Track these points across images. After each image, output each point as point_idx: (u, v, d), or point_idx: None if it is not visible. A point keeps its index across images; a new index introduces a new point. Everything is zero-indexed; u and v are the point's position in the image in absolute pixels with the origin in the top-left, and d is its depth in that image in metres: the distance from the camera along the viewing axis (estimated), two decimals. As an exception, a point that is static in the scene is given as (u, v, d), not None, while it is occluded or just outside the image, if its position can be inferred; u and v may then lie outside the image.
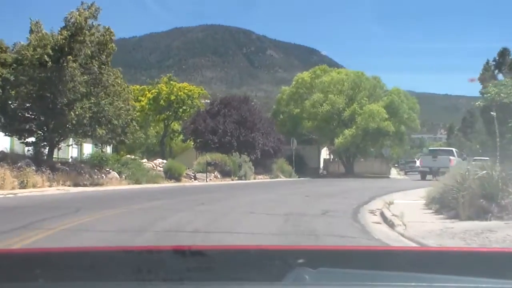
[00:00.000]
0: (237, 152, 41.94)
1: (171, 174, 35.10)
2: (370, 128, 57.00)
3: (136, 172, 32.52)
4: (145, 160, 39.32)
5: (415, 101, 62.69)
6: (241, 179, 40.33)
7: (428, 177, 41.25)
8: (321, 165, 68.07)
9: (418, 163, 42.64)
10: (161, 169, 36.28)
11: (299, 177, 48.42)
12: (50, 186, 24.64)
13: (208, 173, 38.30)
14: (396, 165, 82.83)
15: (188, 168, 40.72)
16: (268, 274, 1.97)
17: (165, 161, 38.67)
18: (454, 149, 41.90)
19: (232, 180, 39.43)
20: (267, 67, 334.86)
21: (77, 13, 26.31)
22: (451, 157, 41.12)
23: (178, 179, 35.30)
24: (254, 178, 42.43)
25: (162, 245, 2.95)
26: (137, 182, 31.49)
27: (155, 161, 38.66)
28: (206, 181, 36.73)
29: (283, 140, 47.72)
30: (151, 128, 61.41)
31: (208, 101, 55.34)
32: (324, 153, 70.08)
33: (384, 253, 2.43)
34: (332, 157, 71.20)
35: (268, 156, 45.38)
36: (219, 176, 39.57)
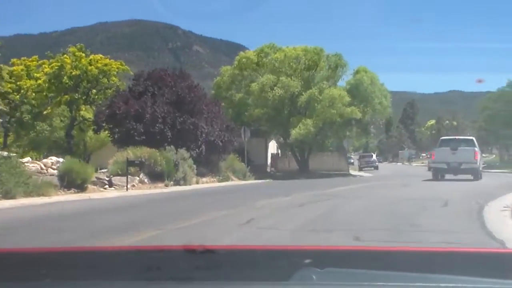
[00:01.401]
0: (172, 146, 28.40)
1: (71, 180, 21.31)
2: (332, 116, 44.91)
3: (9, 178, 18.76)
4: (28, 159, 25.15)
5: (386, 89, 50.82)
6: (179, 184, 26.88)
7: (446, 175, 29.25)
8: (269, 161, 55.43)
9: (434, 157, 30.08)
10: (55, 172, 22.41)
11: (255, 179, 35.34)
12: None
13: (130, 177, 24.75)
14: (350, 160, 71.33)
15: (102, 170, 26.95)
16: (275, 274, 1.95)
17: (61, 159, 24.55)
18: (474, 139, 29.96)
19: (166, 186, 25.90)
20: (194, 63, 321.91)
21: None
22: (476, 149, 29.20)
23: (81, 188, 21.60)
24: (197, 182, 28.99)
25: (171, 245, 2.44)
26: (7, 195, 17.84)
27: (45, 160, 24.54)
28: (127, 189, 23.07)
29: (235, 129, 34.29)
30: (56, 116, 45.91)
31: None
32: (272, 147, 57.36)
33: (391, 253, 2.31)
34: (280, 151, 58.77)
35: (214, 151, 31.94)
36: (146, 180, 26.00)
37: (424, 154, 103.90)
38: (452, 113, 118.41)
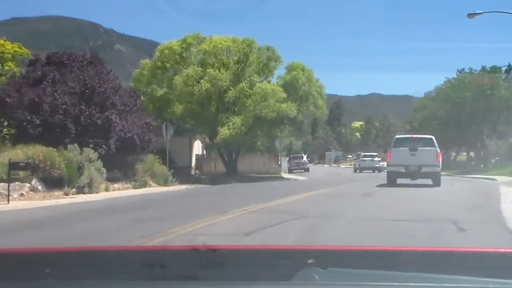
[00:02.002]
0: (75, 144, 22.66)
1: None
2: (264, 112, 40.14)
3: None
4: None
5: (322, 85, 46.49)
6: (83, 192, 21.18)
7: (400, 180, 24.96)
8: (193, 163, 50.07)
9: (389, 158, 25.39)
10: None
11: (179, 183, 29.86)
12: None
13: (19, 183, 19.10)
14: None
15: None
16: (277, 273, 1.94)
17: None
18: (434, 138, 25.71)
19: (66, 194, 20.22)
20: (116, 62, 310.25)
21: None
22: (438, 150, 25.02)
23: None
24: (107, 189, 23.30)
25: (174, 245, 2.87)
26: None
27: None
28: (8, 201, 17.25)
29: (154, 125, 28.68)
30: None
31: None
32: (197, 148, 52.03)
33: (393, 253, 2.30)
34: (206, 152, 53.57)
35: (130, 150, 26.23)
36: (40, 187, 20.21)
37: (351, 156, 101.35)
38: (371, 115, 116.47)
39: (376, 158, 60.10)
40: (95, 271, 2.07)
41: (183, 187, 28.09)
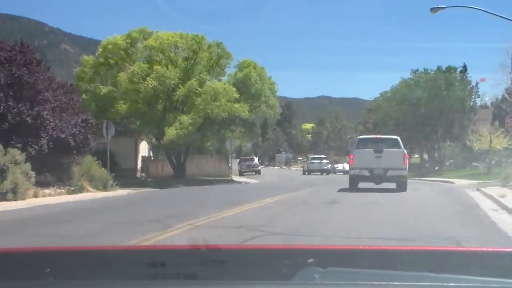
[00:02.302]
0: None
1: None
2: (215, 111, 37.74)
3: None
4: None
5: (274, 83, 44.27)
6: (6, 199, 18.21)
7: (364, 184, 22.88)
8: (139, 165, 47.14)
9: (352, 161, 23.06)
10: None
11: (121, 187, 26.97)
12: None
13: None
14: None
15: None
16: (278, 273, 1.93)
17: None
18: (399, 138, 23.65)
19: (-16, 203, 17.20)
20: (62, 62, 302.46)
21: None
22: (405, 151, 23.00)
23: None
24: (36, 195, 20.32)
25: (175, 244, 2.93)
26: None
27: None
28: None
29: (93, 124, 25.69)
30: None
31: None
32: (143, 149, 49.06)
33: (393, 252, 2.31)
34: (153, 154, 50.65)
35: (64, 151, 23.22)
36: (-47, 194, 17.14)
37: (301, 158, 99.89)
38: (322, 116, 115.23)
39: (325, 161, 60.79)
40: (95, 270, 2.04)
41: (124, 191, 25.28)
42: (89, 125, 24.68)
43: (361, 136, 26.34)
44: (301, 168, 74.25)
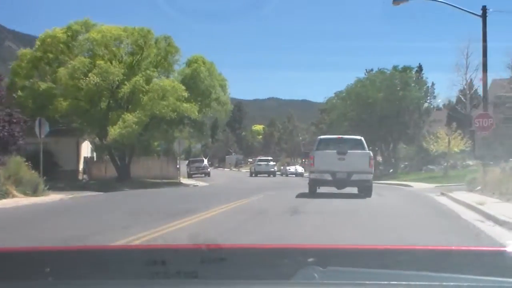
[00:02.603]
0: None
1: None
2: (163, 111, 35.20)
3: None
4: None
5: (224, 79, 41.84)
6: None
7: (323, 188, 20.82)
8: (81, 167, 44.09)
9: (313, 164, 20.75)
10: None
11: (57, 191, 23.95)
12: None
13: None
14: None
15: None
16: (278, 272, 1.95)
17: None
18: (363, 139, 21.59)
19: None
20: (5, 59, 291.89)
21: None
22: (371, 153, 20.98)
23: None
24: None
25: (176, 244, 2.75)
26: None
27: None
28: None
29: (21, 119, 22.60)
30: None
31: None
32: (86, 149, 45.92)
33: (393, 252, 2.29)
34: (96, 155, 47.57)
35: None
36: None
37: (251, 160, 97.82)
38: (273, 117, 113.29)
39: (271, 163, 60.04)
40: (95, 270, 2.03)
41: (57, 197, 22.39)
42: (15, 120, 21.68)
43: (322, 136, 24.17)
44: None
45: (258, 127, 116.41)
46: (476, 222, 12.39)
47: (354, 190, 21.22)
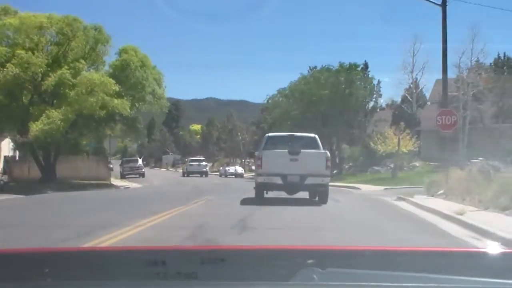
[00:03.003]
0: None
1: None
2: (91, 107, 31.64)
3: None
4: None
5: (160, 72, 38.37)
6: None
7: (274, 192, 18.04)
8: (0, 166, 39.90)
9: (261, 165, 17.71)
10: None
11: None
12: None
13: None
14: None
15: None
16: (277, 273, 1.92)
17: None
18: (317, 137, 18.84)
19: None
20: None
21: None
22: (327, 153, 18.11)
23: None
24: None
25: (175, 245, 3.01)
26: None
27: None
28: None
29: None
30: None
31: None
32: (6, 148, 41.59)
33: (392, 253, 2.25)
34: (18, 154, 43.31)
35: None
36: None
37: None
38: (212, 117, 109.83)
39: (203, 163, 60.10)
40: (94, 271, 2.03)
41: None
42: None
43: (270, 134, 21.30)
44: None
45: (196, 127, 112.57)
46: (472, 240, 9.80)
47: (306, 194, 18.52)
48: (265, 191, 18.22)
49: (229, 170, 59.56)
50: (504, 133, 41.28)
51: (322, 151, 18.28)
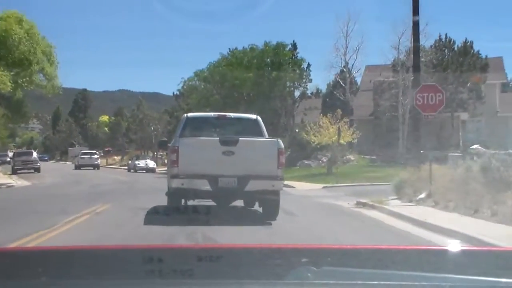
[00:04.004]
0: None
1: None
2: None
3: None
4: None
5: (51, 45, 30.87)
6: None
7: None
8: None
9: (176, 162, 11.25)
10: None
11: None
12: None
13: None
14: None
15: None
16: (272, 272, 1.91)
17: None
18: (260, 119, 12.68)
19: None
20: None
21: None
22: (280, 143, 11.82)
23: None
24: None
25: (170, 244, 2.79)
26: None
27: None
28: None
29: None
30: None
31: None
32: None
33: (387, 252, 2.19)
34: None
35: None
36: None
37: (98, 153, 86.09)
38: (118, 107, 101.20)
39: (95, 156, 60.24)
40: (90, 269, 1.98)
41: None
42: None
43: (191, 114, 14.61)
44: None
45: (105, 118, 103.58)
46: None
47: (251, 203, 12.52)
48: (182, 200, 11.92)
49: (139, 164, 52.17)
50: (445, 123, 36.99)
51: (273, 139, 12.35)
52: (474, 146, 40.25)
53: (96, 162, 57.55)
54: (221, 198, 11.77)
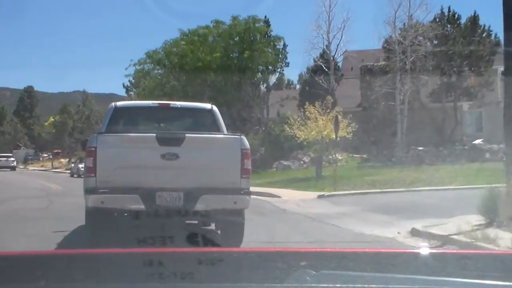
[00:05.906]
0: None
1: None
2: None
3: None
4: None
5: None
6: None
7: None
8: None
9: (94, 169, 6.27)
10: None
11: None
12: None
13: None
14: None
15: None
16: (270, 275, 1.87)
17: None
18: (215, 108, 8.43)
19: None
20: None
21: None
22: (244, 141, 6.96)
23: None
24: None
25: (169, 248, 2.60)
26: None
27: None
28: None
29: None
30: None
31: None
32: None
33: (386, 255, 2.17)
34: None
35: None
36: None
37: (46, 155, 77.15)
38: (63, 104, 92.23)
39: (11, 159, 62.38)
40: (89, 273, 1.93)
41: None
42: None
43: (120, 103, 9.58)
44: (42, 168, 64.82)
45: (53, 118, 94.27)
46: None
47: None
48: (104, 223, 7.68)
49: (82, 168, 44.03)
50: (447, 114, 30.38)
51: (234, 135, 8.53)
52: (477, 141, 34.00)
53: (12, 164, 60.42)
54: (160, 222, 7.72)
